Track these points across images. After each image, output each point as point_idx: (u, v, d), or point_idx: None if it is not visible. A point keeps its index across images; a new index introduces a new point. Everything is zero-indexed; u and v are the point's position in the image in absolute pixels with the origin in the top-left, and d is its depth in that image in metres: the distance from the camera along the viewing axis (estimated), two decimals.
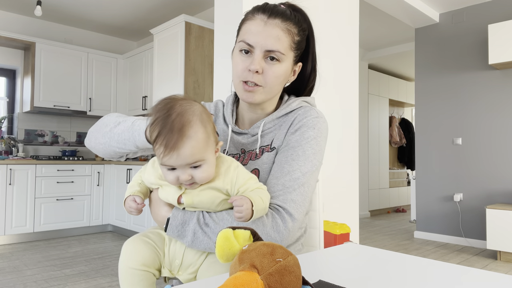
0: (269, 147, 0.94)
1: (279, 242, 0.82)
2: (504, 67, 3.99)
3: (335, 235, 2.10)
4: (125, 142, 0.85)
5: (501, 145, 4.04)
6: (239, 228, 0.55)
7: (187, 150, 0.73)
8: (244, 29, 0.91)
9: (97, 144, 0.91)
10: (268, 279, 0.44)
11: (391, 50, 5.97)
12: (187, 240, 0.80)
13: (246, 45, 0.89)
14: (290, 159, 0.88)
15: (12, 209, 4.06)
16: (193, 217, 0.80)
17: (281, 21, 0.89)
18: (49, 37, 4.91)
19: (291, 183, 0.86)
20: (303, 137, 0.90)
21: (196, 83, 3.90)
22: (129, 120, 0.87)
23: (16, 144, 4.52)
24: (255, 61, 0.87)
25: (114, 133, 0.87)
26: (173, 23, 3.94)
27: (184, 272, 0.84)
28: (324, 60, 2.75)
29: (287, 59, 0.91)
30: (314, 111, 0.95)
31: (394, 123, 7.33)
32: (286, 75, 0.93)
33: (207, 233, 0.79)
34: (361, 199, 6.32)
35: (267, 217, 0.81)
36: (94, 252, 3.72)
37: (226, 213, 0.81)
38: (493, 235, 3.57)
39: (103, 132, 0.90)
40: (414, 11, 4.20)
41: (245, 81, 0.90)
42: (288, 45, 0.90)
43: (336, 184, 2.82)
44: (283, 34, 0.89)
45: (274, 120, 0.96)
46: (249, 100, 0.91)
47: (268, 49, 0.87)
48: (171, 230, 0.81)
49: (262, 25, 0.88)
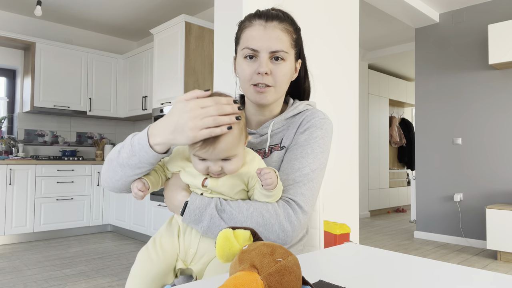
0: (278, 146, 0.98)
1: (290, 232, 0.84)
2: (504, 67, 3.99)
3: (335, 235, 2.10)
4: (137, 166, 0.83)
5: (501, 145, 4.04)
6: (239, 228, 0.55)
7: (223, 145, 0.77)
8: (245, 36, 0.95)
9: (115, 182, 0.87)
10: (268, 279, 0.44)
11: (391, 50, 5.97)
12: (202, 225, 0.82)
13: (250, 51, 0.92)
14: (299, 157, 0.92)
15: (12, 209, 4.06)
16: (211, 202, 0.82)
17: (278, 23, 0.94)
18: (49, 37, 4.92)
19: (301, 179, 0.89)
20: (312, 136, 0.95)
21: (196, 83, 3.90)
22: (127, 143, 0.85)
23: (16, 144, 4.52)
24: (263, 63, 0.91)
25: (121, 163, 0.84)
26: (173, 23, 3.94)
27: (198, 262, 0.85)
28: (324, 60, 2.75)
29: (290, 57, 0.95)
30: (321, 112, 1.00)
31: (394, 123, 7.33)
32: (291, 72, 0.98)
33: (224, 218, 0.81)
34: (361, 199, 6.32)
35: (280, 208, 0.84)
36: (94, 252, 3.72)
37: (242, 201, 0.84)
38: (493, 235, 3.57)
39: (112, 168, 0.87)
40: (414, 11, 4.20)
41: (255, 84, 0.93)
42: (289, 44, 0.95)
43: (336, 184, 2.82)
44: (283, 34, 0.93)
45: (283, 121, 1.01)
46: (262, 102, 0.95)
47: (272, 50, 0.92)
48: (188, 214, 0.82)
49: (262, 29, 0.92)
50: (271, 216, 0.82)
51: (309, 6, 2.64)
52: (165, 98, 4.02)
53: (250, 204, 0.83)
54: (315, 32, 2.68)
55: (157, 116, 4.13)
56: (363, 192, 6.32)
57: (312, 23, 2.67)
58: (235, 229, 0.55)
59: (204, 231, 0.83)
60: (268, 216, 0.82)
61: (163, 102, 4.04)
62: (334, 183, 2.81)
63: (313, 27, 2.67)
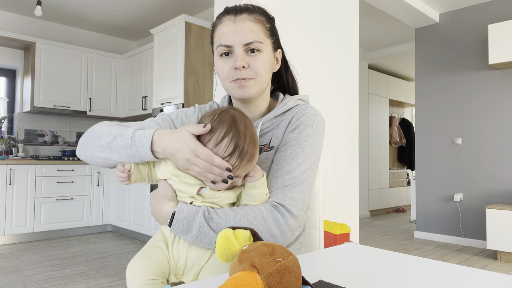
0: (267, 146, 0.96)
1: (280, 238, 0.83)
2: (504, 67, 3.99)
3: (335, 235, 2.10)
4: (129, 158, 0.86)
5: (501, 145, 4.04)
6: (239, 228, 0.55)
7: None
8: (217, 34, 0.94)
9: (96, 159, 0.91)
10: (268, 279, 0.44)
11: (391, 50, 5.97)
12: (191, 235, 0.81)
13: (224, 48, 0.91)
14: (289, 158, 0.90)
15: (12, 209, 4.06)
16: (199, 211, 0.81)
17: (248, 14, 0.92)
18: (49, 37, 4.92)
19: (290, 182, 0.87)
20: (302, 135, 0.92)
21: (196, 83, 3.90)
22: (126, 135, 0.86)
23: (16, 144, 4.52)
24: (238, 57, 0.89)
25: (113, 148, 0.87)
26: (173, 23, 3.94)
27: (189, 273, 0.84)
28: (324, 60, 2.75)
29: (266, 47, 0.93)
30: (311, 109, 0.97)
31: (394, 123, 7.33)
32: (271, 62, 0.95)
33: (212, 227, 0.80)
34: (361, 199, 6.32)
35: (267, 213, 0.83)
36: (94, 252, 3.72)
37: (229, 209, 0.83)
38: (493, 235, 3.57)
39: (99, 145, 0.89)
40: (414, 11, 4.20)
41: (235, 79, 0.91)
42: (262, 33, 0.92)
43: (336, 184, 2.82)
44: (254, 25, 0.91)
45: (272, 119, 0.98)
46: (245, 95, 0.92)
47: (246, 43, 0.89)
48: (176, 225, 0.81)
49: (232, 24, 0.90)
50: (259, 222, 0.81)
51: (309, 6, 2.64)
52: (165, 98, 4.02)
53: (236, 211, 0.82)
54: (315, 32, 2.68)
55: None
56: (363, 192, 6.33)
57: (312, 23, 2.66)
58: (235, 229, 0.55)
59: (193, 241, 0.81)
60: (256, 223, 0.81)
61: (163, 102, 4.04)
62: (334, 183, 2.81)
63: (313, 27, 2.67)
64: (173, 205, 0.83)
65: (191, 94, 3.85)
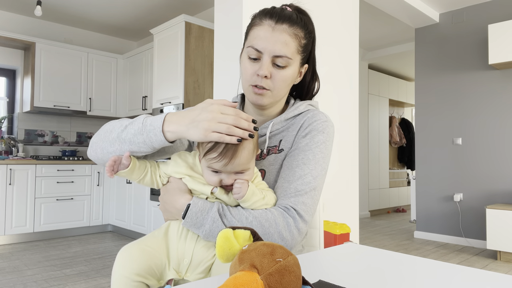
0: (276, 149, 0.96)
1: (290, 241, 0.83)
2: (504, 67, 3.99)
3: (335, 235, 2.10)
4: (139, 145, 0.83)
5: (501, 145, 4.04)
6: (239, 228, 0.55)
7: (241, 160, 0.79)
8: (252, 34, 0.93)
9: (106, 154, 0.87)
10: (268, 279, 0.44)
11: (391, 50, 5.97)
12: (204, 229, 0.80)
13: (254, 51, 0.91)
14: (301, 163, 0.91)
15: (12, 209, 4.06)
16: (214, 206, 0.82)
17: (288, 26, 0.90)
18: (49, 37, 4.92)
19: (303, 187, 0.88)
20: (313, 141, 0.93)
21: (196, 83, 3.90)
22: (137, 121, 0.85)
23: (16, 144, 4.52)
24: (264, 66, 0.90)
25: (123, 138, 0.84)
26: (173, 23, 3.94)
27: (193, 272, 0.83)
28: (324, 60, 2.75)
29: (294, 63, 0.93)
30: (323, 115, 0.98)
31: (394, 123, 7.33)
32: (293, 77, 0.96)
33: (225, 223, 0.81)
34: (361, 199, 6.32)
35: (279, 217, 0.84)
36: (94, 252, 3.72)
37: (242, 209, 0.84)
38: (493, 235, 3.57)
39: (110, 139, 0.87)
40: (414, 11, 4.20)
41: (254, 85, 0.92)
42: (295, 49, 0.92)
43: (336, 184, 2.82)
44: (290, 39, 0.90)
45: (282, 122, 0.99)
46: (258, 103, 0.94)
47: (276, 55, 0.89)
48: (189, 217, 0.81)
49: (270, 31, 0.89)
50: (270, 225, 0.82)
51: (308, 6, 2.64)
52: (165, 98, 4.02)
53: (250, 212, 0.82)
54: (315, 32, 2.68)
55: None
56: (363, 192, 6.33)
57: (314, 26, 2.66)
58: (235, 229, 0.55)
59: (205, 235, 0.81)
60: (267, 226, 0.82)
61: (163, 102, 4.04)
62: (334, 183, 2.81)
63: (315, 30, 2.66)
64: (188, 197, 0.84)
65: (191, 94, 3.85)
